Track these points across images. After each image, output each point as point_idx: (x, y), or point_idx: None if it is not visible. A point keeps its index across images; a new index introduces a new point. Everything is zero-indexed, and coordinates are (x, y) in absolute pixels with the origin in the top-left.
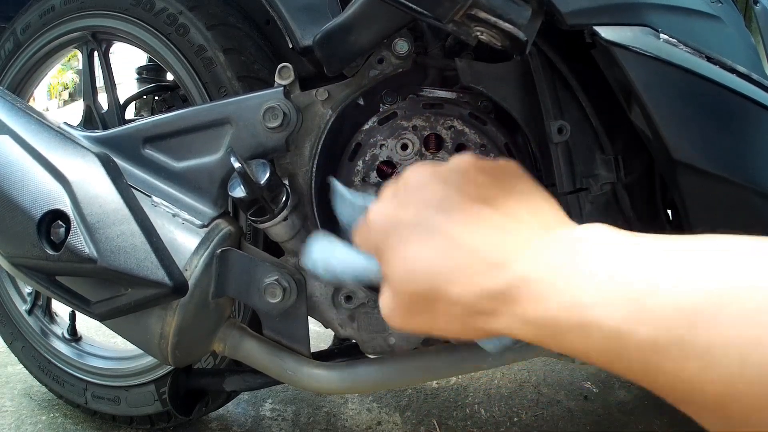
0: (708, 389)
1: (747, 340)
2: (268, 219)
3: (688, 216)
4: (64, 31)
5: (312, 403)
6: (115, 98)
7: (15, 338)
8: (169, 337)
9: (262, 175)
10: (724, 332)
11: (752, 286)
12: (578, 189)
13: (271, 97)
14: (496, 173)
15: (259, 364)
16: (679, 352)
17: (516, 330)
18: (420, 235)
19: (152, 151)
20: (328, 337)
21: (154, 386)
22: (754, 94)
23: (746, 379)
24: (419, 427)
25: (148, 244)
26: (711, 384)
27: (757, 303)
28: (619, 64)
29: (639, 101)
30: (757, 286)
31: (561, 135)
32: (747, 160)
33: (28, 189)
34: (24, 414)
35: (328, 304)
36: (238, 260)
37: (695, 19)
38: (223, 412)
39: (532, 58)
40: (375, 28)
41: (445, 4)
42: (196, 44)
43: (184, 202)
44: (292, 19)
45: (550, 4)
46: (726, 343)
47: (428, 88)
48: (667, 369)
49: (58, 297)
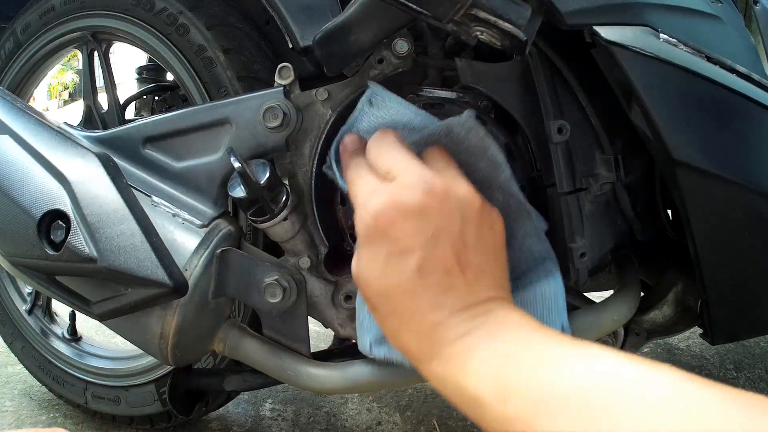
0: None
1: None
2: (268, 219)
3: (688, 216)
4: (64, 31)
5: (312, 403)
6: (115, 98)
7: (15, 338)
8: (169, 337)
9: (262, 175)
10: (556, 425)
11: (594, 387)
12: (578, 189)
13: (271, 97)
14: (480, 225)
15: (259, 364)
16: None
17: (429, 377)
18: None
19: (152, 151)
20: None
21: (154, 386)
22: (754, 94)
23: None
24: (419, 427)
25: (148, 243)
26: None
27: (587, 404)
28: (619, 64)
29: (639, 101)
30: (590, 388)
31: (561, 135)
32: (747, 160)
33: (28, 189)
34: (24, 414)
35: (328, 304)
36: (238, 260)
37: (695, 19)
38: (223, 412)
39: (532, 58)
40: (375, 28)
41: (445, 4)
42: (196, 44)
43: (184, 202)
44: (292, 19)
45: (549, 3)
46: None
47: (428, 88)
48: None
49: (58, 297)
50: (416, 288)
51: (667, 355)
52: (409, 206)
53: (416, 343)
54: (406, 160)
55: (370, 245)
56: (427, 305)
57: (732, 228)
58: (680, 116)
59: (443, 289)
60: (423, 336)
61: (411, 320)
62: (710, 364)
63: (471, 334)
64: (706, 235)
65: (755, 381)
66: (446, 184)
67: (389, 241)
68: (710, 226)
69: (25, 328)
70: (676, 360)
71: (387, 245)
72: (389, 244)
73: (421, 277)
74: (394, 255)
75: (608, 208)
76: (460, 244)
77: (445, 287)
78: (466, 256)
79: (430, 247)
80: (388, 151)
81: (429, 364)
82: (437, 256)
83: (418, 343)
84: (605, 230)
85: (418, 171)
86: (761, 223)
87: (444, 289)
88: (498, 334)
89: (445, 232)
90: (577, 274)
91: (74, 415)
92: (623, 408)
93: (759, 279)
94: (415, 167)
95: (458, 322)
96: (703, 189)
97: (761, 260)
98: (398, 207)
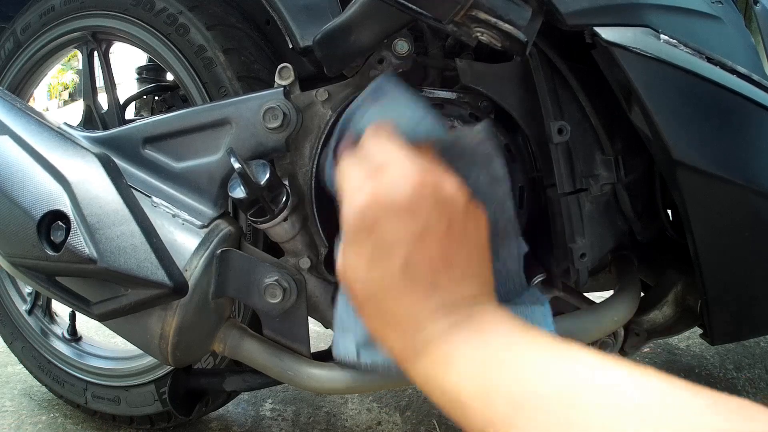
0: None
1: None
2: (268, 219)
3: (688, 216)
4: (64, 31)
5: (312, 403)
6: (115, 98)
7: (15, 338)
8: (169, 337)
9: (262, 176)
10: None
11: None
12: (578, 189)
13: (271, 97)
14: (465, 223)
15: (259, 364)
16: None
17: (413, 376)
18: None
19: (152, 152)
20: (328, 337)
21: (154, 386)
22: (754, 94)
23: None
24: (419, 427)
25: (148, 244)
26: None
27: (566, 408)
28: (619, 64)
29: (639, 101)
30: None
31: (561, 135)
32: (747, 161)
33: (28, 189)
34: (24, 414)
35: (328, 305)
36: (238, 260)
37: (695, 20)
38: (223, 412)
39: (532, 59)
40: (375, 29)
41: (446, 5)
42: (196, 44)
43: (184, 203)
44: (292, 19)
45: (550, 4)
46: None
47: (428, 89)
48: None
49: (58, 297)
50: (401, 286)
51: (667, 355)
52: (396, 202)
53: (401, 342)
54: (396, 154)
55: (355, 242)
56: (412, 303)
57: (732, 228)
58: (680, 117)
59: (429, 287)
60: (408, 334)
61: (396, 319)
62: (710, 364)
63: (455, 332)
64: (706, 235)
65: (755, 381)
66: (434, 180)
67: (375, 238)
68: (710, 226)
69: (25, 328)
70: (676, 360)
71: (372, 242)
72: (375, 241)
73: (407, 275)
74: (379, 252)
75: (608, 209)
76: (446, 242)
77: (430, 285)
78: (451, 253)
79: (416, 244)
80: (380, 144)
81: (414, 364)
82: (423, 254)
83: (403, 341)
84: (605, 230)
85: (407, 166)
86: (761, 223)
87: (429, 288)
88: (482, 333)
89: (432, 230)
90: (577, 275)
91: (74, 415)
92: (601, 413)
93: (759, 279)
94: (405, 162)
95: (442, 320)
96: (703, 189)
97: (761, 260)
98: (384, 203)
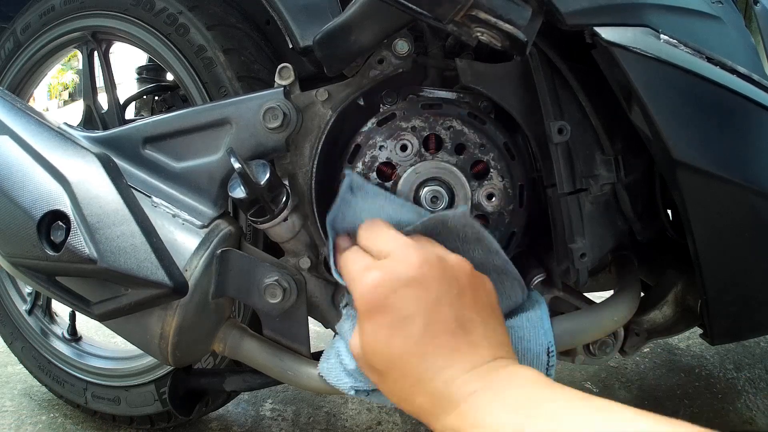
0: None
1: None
2: (268, 219)
3: (688, 216)
4: (64, 31)
5: (312, 403)
6: (115, 98)
7: (15, 338)
8: (169, 337)
9: (262, 176)
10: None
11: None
12: (578, 189)
13: (271, 97)
14: (475, 289)
15: (259, 364)
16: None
17: (437, 428)
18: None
19: (152, 152)
20: (328, 337)
21: (154, 386)
22: (755, 94)
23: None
24: (419, 427)
25: (148, 244)
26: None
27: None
28: (619, 64)
29: (639, 101)
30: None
31: (561, 135)
32: (747, 160)
33: (28, 189)
34: (24, 414)
35: (328, 304)
36: (238, 260)
37: (695, 20)
38: (223, 412)
39: (532, 58)
40: (375, 29)
41: (446, 5)
42: (196, 44)
43: (184, 203)
44: (292, 19)
45: (550, 4)
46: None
47: (428, 89)
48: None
49: (58, 297)
50: (425, 350)
51: (667, 355)
52: (406, 277)
53: (429, 402)
54: (397, 239)
55: (370, 318)
56: (438, 365)
57: (732, 228)
58: (680, 116)
59: (450, 350)
60: (436, 394)
61: (422, 380)
62: (710, 364)
63: (483, 390)
64: (706, 235)
65: (755, 381)
66: (437, 254)
67: (390, 311)
68: (710, 226)
69: (25, 328)
70: (676, 360)
71: (389, 315)
72: (391, 314)
73: (428, 339)
74: (397, 323)
75: (608, 209)
76: (460, 308)
77: (451, 348)
78: (467, 319)
79: (431, 311)
80: (378, 233)
81: (444, 419)
82: (440, 320)
83: (431, 401)
84: (605, 230)
85: (409, 245)
86: (761, 223)
87: (451, 350)
88: (508, 389)
89: (444, 297)
90: (577, 275)
91: (74, 415)
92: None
93: (759, 279)
94: (407, 244)
95: (469, 380)
96: (703, 189)
97: (761, 260)
98: (396, 278)
